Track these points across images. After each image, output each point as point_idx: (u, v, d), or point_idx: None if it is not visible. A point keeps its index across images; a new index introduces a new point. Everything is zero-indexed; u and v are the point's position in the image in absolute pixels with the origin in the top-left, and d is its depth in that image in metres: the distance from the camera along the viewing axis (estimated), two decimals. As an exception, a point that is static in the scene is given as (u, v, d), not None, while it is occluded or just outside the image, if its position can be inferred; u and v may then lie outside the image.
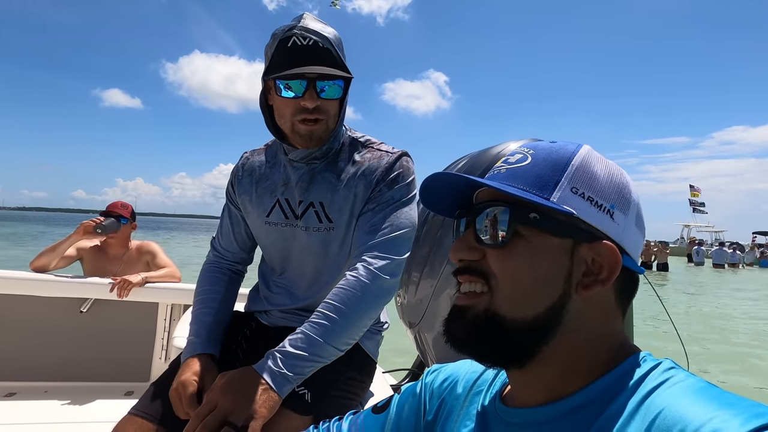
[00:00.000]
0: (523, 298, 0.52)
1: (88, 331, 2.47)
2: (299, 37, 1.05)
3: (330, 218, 1.16)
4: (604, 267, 0.51)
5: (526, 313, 0.52)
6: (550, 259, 0.52)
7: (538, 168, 0.54)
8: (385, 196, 1.14)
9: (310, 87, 1.07)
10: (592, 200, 0.53)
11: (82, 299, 2.45)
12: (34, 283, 2.36)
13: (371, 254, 1.08)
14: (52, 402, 2.17)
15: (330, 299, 1.03)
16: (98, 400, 2.23)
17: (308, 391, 1.01)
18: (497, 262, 0.53)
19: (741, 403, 0.41)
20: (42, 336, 2.41)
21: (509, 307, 0.52)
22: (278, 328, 1.21)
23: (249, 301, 1.33)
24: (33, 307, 2.40)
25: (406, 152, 1.20)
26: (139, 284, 2.43)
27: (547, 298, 0.52)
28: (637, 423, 0.44)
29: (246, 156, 1.32)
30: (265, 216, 1.22)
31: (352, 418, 0.74)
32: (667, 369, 0.49)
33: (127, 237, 2.90)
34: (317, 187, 1.17)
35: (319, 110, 1.09)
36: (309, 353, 0.97)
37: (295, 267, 1.23)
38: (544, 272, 0.52)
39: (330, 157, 1.19)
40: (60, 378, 2.39)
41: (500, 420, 0.57)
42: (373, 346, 1.25)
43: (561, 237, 0.52)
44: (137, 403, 1.07)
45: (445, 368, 0.71)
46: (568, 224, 0.52)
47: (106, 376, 2.44)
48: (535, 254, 0.52)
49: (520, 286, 0.52)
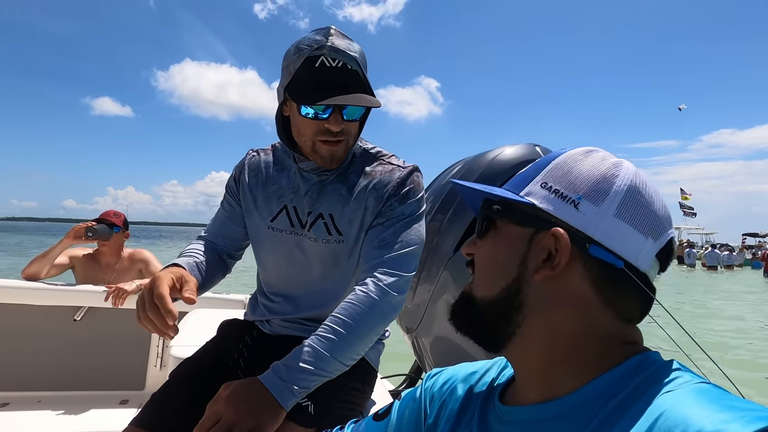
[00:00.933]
0: (485, 278, 0.59)
1: (82, 340, 2.45)
2: (328, 58, 1.02)
3: (339, 230, 1.15)
4: (558, 253, 0.52)
5: (487, 293, 0.58)
6: (509, 245, 0.57)
7: (528, 170, 0.60)
8: (396, 211, 1.13)
9: (336, 111, 1.05)
10: (558, 192, 0.55)
11: (76, 307, 2.43)
12: (27, 291, 2.34)
13: (381, 270, 1.07)
14: (46, 412, 2.15)
15: (338, 313, 1.01)
16: (93, 409, 2.21)
17: (312, 404, 1.01)
18: (475, 249, 0.62)
19: (745, 405, 0.41)
20: (35, 345, 2.39)
21: (477, 288, 0.60)
22: (279, 336, 1.21)
23: (249, 310, 1.31)
24: (26, 316, 2.38)
25: (417, 167, 1.20)
26: (134, 292, 2.41)
27: (502, 279, 0.57)
28: (639, 423, 0.44)
29: (252, 154, 1.30)
30: (269, 220, 1.21)
31: (353, 427, 0.74)
32: (674, 370, 0.48)
33: (120, 245, 2.88)
34: (327, 199, 1.16)
35: (342, 132, 1.09)
36: (315, 367, 0.95)
37: (298, 276, 1.21)
38: (503, 256, 0.57)
39: (341, 169, 1.18)
40: (54, 387, 2.37)
41: (499, 419, 0.58)
42: (375, 355, 1.24)
43: (522, 226, 0.56)
44: (138, 415, 1.05)
45: (445, 371, 0.72)
46: (532, 215, 0.56)
47: (101, 385, 2.42)
48: (498, 240, 0.59)
49: (483, 268, 0.60)
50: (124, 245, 2.92)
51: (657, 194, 0.56)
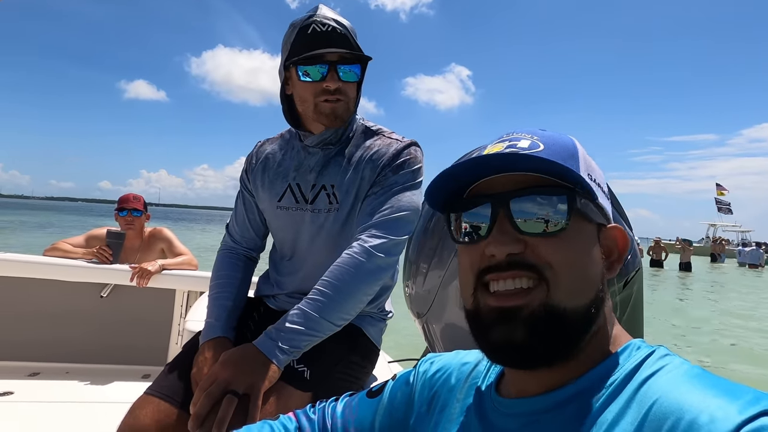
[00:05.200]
0: (581, 286, 0.50)
1: (107, 316, 2.55)
2: (318, 24, 1.13)
3: (338, 200, 1.20)
4: (614, 249, 0.52)
5: (583, 302, 0.50)
6: (593, 244, 0.53)
7: (558, 156, 0.52)
8: (389, 181, 1.17)
9: (332, 70, 1.13)
10: (600, 186, 0.54)
11: (103, 284, 2.53)
12: (58, 268, 2.44)
13: (368, 233, 1.11)
14: (73, 383, 2.26)
15: (326, 276, 1.07)
16: (116, 382, 2.31)
17: (308, 369, 1.05)
18: (553, 251, 0.50)
19: (737, 389, 0.41)
20: (64, 319, 2.50)
21: (568, 298, 0.49)
22: (285, 311, 1.24)
23: (259, 286, 1.36)
24: (56, 291, 2.49)
25: (416, 142, 1.23)
26: (157, 272, 2.50)
27: (595, 283, 0.51)
28: (633, 412, 0.44)
29: (260, 144, 1.36)
30: (276, 201, 1.25)
31: (347, 400, 0.74)
32: (662, 356, 0.49)
33: (142, 227, 2.97)
34: (330, 170, 1.22)
35: (340, 92, 1.15)
36: (304, 327, 1.02)
37: (303, 251, 1.26)
38: (593, 257, 0.52)
39: (343, 142, 1.23)
40: (80, 360, 2.48)
41: (497, 411, 0.56)
42: (377, 332, 1.27)
43: (591, 222, 0.53)
44: (153, 384, 1.11)
45: (440, 359, 0.70)
46: (593, 209, 0.53)
47: (125, 359, 2.52)
48: (585, 240, 0.52)
49: (577, 274, 0.50)
50: (145, 225, 3.01)
51: None
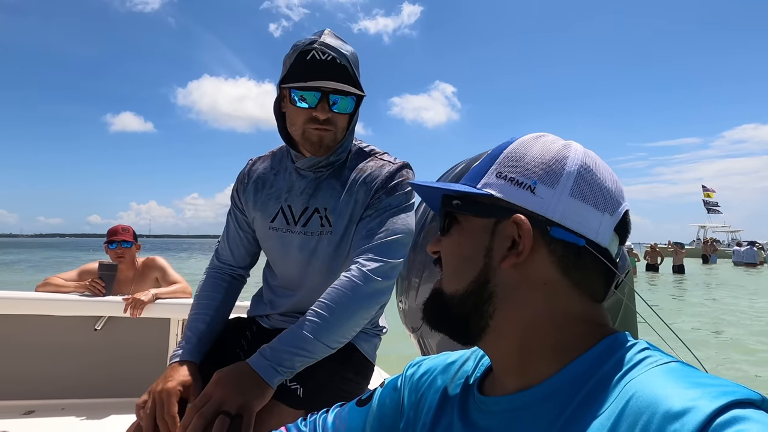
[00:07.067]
0: (454, 273, 0.59)
1: (102, 349, 2.52)
2: (319, 51, 1.11)
3: (331, 222, 1.20)
4: (521, 240, 0.53)
5: (457, 288, 0.58)
6: (473, 238, 0.58)
7: (482, 163, 0.61)
8: (383, 203, 1.18)
9: (323, 99, 1.13)
10: (513, 180, 0.56)
11: (96, 317, 2.51)
12: (50, 303, 2.42)
13: (365, 257, 1.11)
14: (70, 419, 2.23)
15: (323, 298, 1.07)
16: (113, 416, 2.28)
17: (301, 387, 1.06)
18: (440, 246, 0.62)
19: (711, 381, 0.42)
20: (58, 354, 2.47)
21: (447, 284, 0.60)
22: (277, 330, 1.24)
23: (252, 306, 1.37)
24: (49, 327, 2.47)
25: (408, 164, 1.25)
26: (150, 301, 2.49)
27: (470, 272, 0.57)
28: (611, 406, 0.45)
29: (251, 162, 1.36)
30: (269, 221, 1.26)
31: (338, 411, 0.75)
32: (641, 350, 0.49)
33: (134, 258, 2.97)
34: (322, 194, 1.22)
35: (329, 122, 1.14)
36: (299, 348, 1.01)
37: (293, 272, 1.26)
38: (468, 249, 0.58)
39: (336, 166, 1.24)
40: (76, 395, 2.44)
41: (478, 409, 0.58)
42: (371, 348, 1.27)
43: (483, 217, 0.57)
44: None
45: (425, 362, 0.71)
46: (491, 205, 0.57)
47: (121, 392, 2.48)
48: (462, 235, 0.59)
49: (451, 263, 0.60)
50: (136, 256, 3.01)
51: (607, 170, 0.57)
